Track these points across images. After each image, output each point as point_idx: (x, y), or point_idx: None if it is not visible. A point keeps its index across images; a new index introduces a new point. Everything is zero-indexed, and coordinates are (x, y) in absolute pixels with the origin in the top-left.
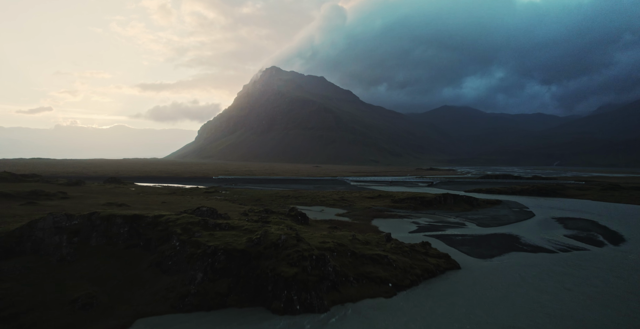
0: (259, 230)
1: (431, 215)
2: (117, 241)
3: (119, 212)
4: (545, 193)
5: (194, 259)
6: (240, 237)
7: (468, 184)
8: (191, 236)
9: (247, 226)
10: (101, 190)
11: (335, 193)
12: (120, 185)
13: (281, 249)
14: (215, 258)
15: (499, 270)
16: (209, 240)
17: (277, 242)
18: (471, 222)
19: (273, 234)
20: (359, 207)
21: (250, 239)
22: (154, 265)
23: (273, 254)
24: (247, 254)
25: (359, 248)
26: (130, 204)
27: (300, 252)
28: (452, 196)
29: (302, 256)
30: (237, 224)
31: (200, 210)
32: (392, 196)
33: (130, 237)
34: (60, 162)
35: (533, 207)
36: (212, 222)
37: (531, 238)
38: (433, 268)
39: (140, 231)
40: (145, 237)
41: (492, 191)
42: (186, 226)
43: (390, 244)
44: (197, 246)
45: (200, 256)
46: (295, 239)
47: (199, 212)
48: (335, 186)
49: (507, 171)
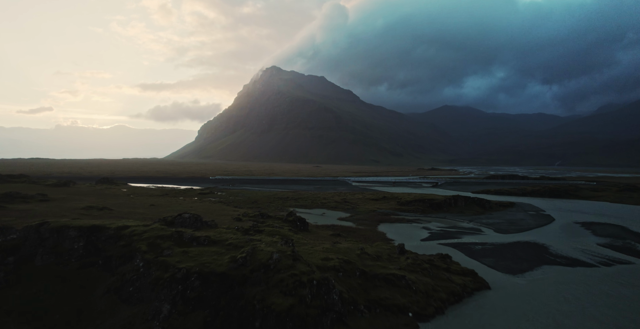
0: (246, 245)
1: (442, 219)
2: (69, 259)
3: (74, 223)
4: (558, 194)
5: (160, 285)
6: (222, 256)
7: (474, 185)
8: (158, 255)
9: (231, 240)
10: (89, 191)
11: (337, 195)
12: (112, 186)
13: (273, 273)
14: (188, 284)
15: (536, 290)
16: (181, 260)
17: (267, 263)
18: (487, 227)
19: (263, 251)
20: (362, 210)
21: (233, 258)
22: (112, 291)
23: (262, 278)
24: (228, 279)
25: (370, 265)
26: (114, 207)
27: (297, 276)
28: (463, 198)
29: (300, 281)
30: (220, 237)
31: (181, 217)
32: (398, 198)
33: (87, 253)
34: (58, 163)
35: (550, 210)
36: (189, 235)
37: (561, 248)
38: (459, 290)
39: (99, 246)
40: (105, 253)
41: (501, 192)
42: (154, 242)
43: (404, 259)
44: (164, 268)
45: (168, 281)
46: (291, 258)
47: (181, 219)
48: (336, 187)
49: (510, 171)
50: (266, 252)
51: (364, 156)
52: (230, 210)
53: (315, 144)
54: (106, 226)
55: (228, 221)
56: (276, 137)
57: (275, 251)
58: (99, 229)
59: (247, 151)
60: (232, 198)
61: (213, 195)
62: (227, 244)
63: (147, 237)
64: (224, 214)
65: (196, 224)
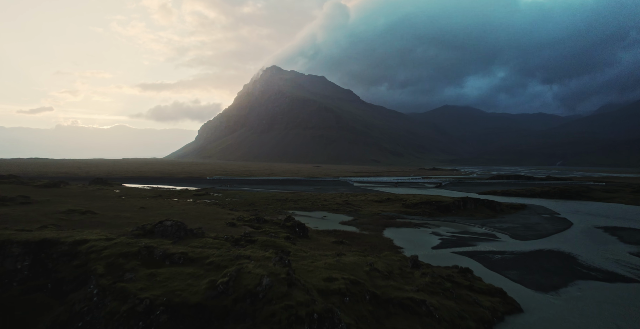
0: (230, 265)
1: (451, 223)
2: (10, 282)
3: (19, 237)
4: (569, 195)
5: (116, 321)
6: (199, 281)
7: (479, 185)
8: (117, 280)
9: (213, 258)
10: (79, 192)
11: (338, 196)
12: (105, 187)
13: (262, 303)
14: (152, 319)
15: (576, 312)
16: (146, 287)
17: (255, 291)
18: (502, 233)
19: (251, 274)
20: (366, 213)
21: (212, 283)
22: (58, 326)
23: (248, 311)
24: (205, 311)
25: (381, 286)
26: (99, 210)
27: (294, 308)
28: (473, 200)
29: (297, 316)
30: (200, 254)
31: (162, 225)
32: (403, 200)
33: (33, 275)
34: (55, 163)
35: (565, 213)
36: (161, 251)
37: (592, 258)
38: (489, 315)
39: (49, 266)
40: (56, 275)
41: (509, 193)
42: (115, 261)
43: (420, 275)
44: (123, 297)
45: (126, 316)
46: (286, 284)
47: (161, 228)
48: (337, 188)
49: (513, 171)
50: (254, 275)
51: (365, 155)
52: (225, 213)
53: (315, 144)
54: (60, 240)
55: (220, 227)
56: (276, 137)
57: (265, 274)
58: (51, 245)
59: (247, 151)
60: (229, 200)
61: (209, 196)
62: (208, 263)
63: (108, 255)
64: (217, 218)
65: (179, 233)
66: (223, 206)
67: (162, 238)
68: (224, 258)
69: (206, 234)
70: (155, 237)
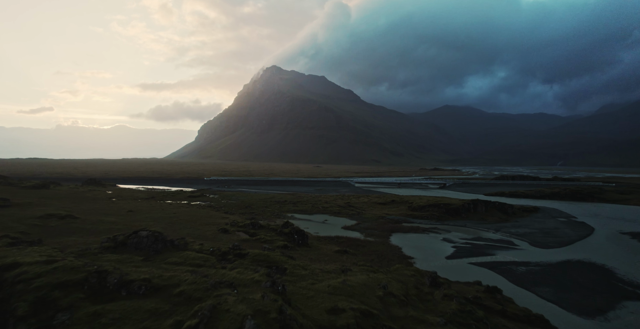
0: (205, 297)
1: (462, 228)
2: None
3: None
4: (581, 197)
5: None
6: (159, 323)
7: (485, 186)
8: (43, 325)
9: (185, 287)
10: (67, 194)
11: (340, 197)
12: (98, 188)
13: None
14: None
15: None
16: None
17: None
18: (519, 239)
19: (229, 314)
20: (369, 217)
21: (177, 327)
22: None
23: None
24: None
25: (399, 317)
26: (82, 214)
27: None
28: (483, 203)
29: None
30: (169, 279)
31: (137, 236)
32: (409, 202)
33: None
34: (53, 162)
35: (582, 217)
36: (116, 277)
37: (631, 271)
38: None
39: None
40: None
41: (517, 194)
42: (48, 295)
43: (442, 297)
44: None
45: None
46: (278, 327)
47: (135, 239)
48: (338, 189)
49: (515, 171)
50: (234, 315)
51: (365, 155)
52: (219, 217)
53: (315, 144)
54: None
55: (211, 233)
56: (276, 137)
57: (250, 315)
58: None
59: (247, 151)
60: (224, 202)
61: (204, 198)
62: (177, 293)
63: (40, 286)
64: (209, 223)
65: (155, 245)
66: (218, 208)
67: (134, 252)
68: (199, 285)
69: (190, 245)
70: (126, 252)
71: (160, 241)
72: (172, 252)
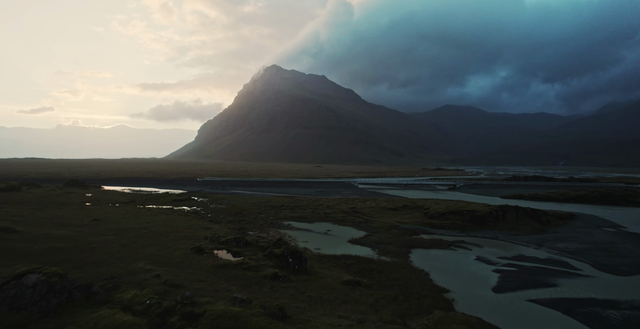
0: None
1: (494, 241)
2: None
3: None
4: (613, 201)
5: None
6: None
7: (499, 188)
8: None
9: None
10: (36, 198)
11: (344, 201)
12: (77, 190)
13: None
14: None
15: None
16: None
17: None
18: (575, 259)
19: None
20: (380, 226)
21: None
22: None
23: None
24: None
25: None
26: (28, 225)
27: None
28: (513, 209)
29: None
30: None
31: (19, 285)
32: (424, 208)
33: None
34: (47, 162)
35: (633, 226)
36: None
37: None
38: None
39: None
40: None
41: (539, 197)
42: None
43: None
44: None
45: None
46: None
47: (12, 291)
48: (340, 190)
49: (519, 171)
50: None
51: (366, 155)
52: (200, 227)
53: (316, 143)
54: None
55: (180, 255)
56: (276, 137)
57: None
58: None
59: (247, 151)
60: (213, 206)
61: (191, 202)
62: None
63: None
64: (184, 237)
65: (47, 302)
66: (203, 215)
67: (5, 315)
68: None
69: (116, 294)
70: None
71: (58, 293)
72: (77, 311)
